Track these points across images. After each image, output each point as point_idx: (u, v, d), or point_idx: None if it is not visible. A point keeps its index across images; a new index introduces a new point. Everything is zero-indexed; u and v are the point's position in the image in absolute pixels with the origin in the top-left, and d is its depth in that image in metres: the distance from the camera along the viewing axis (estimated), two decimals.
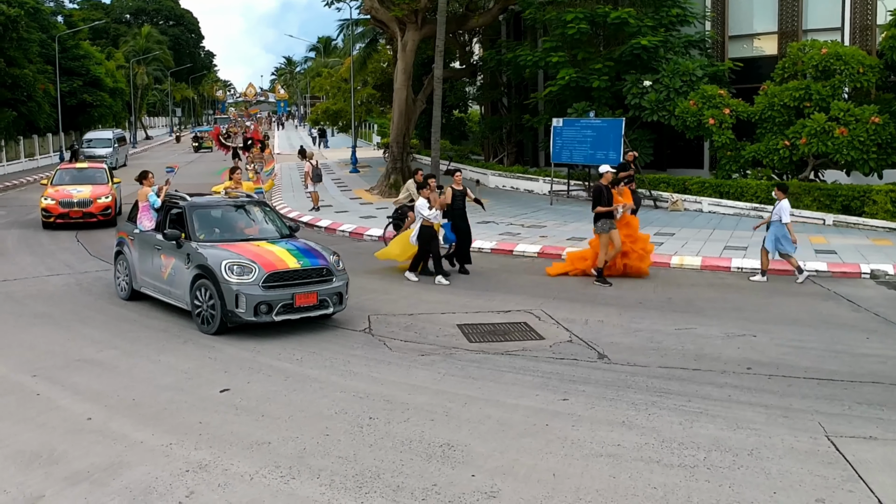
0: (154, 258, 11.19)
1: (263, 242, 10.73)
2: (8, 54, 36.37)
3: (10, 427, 6.86)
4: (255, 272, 9.70)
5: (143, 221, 11.82)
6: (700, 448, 6.38)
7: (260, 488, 5.66)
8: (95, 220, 19.82)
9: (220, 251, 10.18)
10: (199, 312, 10.04)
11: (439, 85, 25.77)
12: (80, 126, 49.48)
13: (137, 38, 77.84)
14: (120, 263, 12.29)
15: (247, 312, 9.59)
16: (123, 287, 12.09)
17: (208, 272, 9.87)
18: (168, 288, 10.85)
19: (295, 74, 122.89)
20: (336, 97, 48.58)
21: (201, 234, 10.73)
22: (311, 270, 10.14)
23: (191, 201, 11.35)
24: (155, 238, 11.27)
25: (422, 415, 7.14)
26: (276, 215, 12.24)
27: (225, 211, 11.66)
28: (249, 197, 12.69)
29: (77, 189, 20.23)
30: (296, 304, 9.83)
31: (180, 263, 10.49)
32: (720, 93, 20.59)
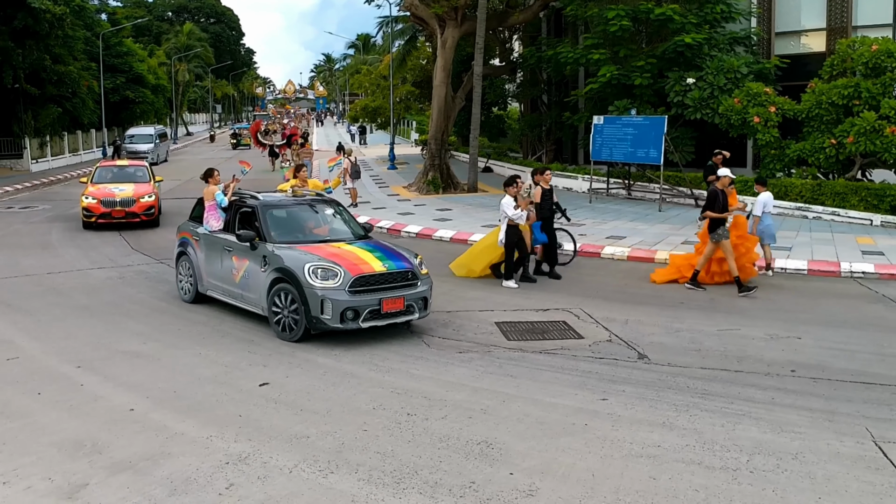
0: (224, 260, 10.67)
1: (342, 244, 10.22)
2: (54, 52, 37.14)
3: (55, 416, 6.99)
4: (341, 276, 9.16)
5: (210, 221, 11.24)
6: (743, 451, 6.26)
7: (299, 482, 5.68)
8: (138, 221, 19.07)
9: (299, 253, 9.64)
10: (279, 319, 9.49)
11: (479, 82, 25.76)
12: (123, 122, 50.39)
13: (179, 35, 78.97)
14: (182, 265, 11.71)
15: (333, 319, 9.03)
16: (187, 290, 11.56)
17: (289, 276, 9.34)
18: (241, 292, 10.33)
19: (334, 72, 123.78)
20: (375, 94, 48.78)
21: (277, 235, 10.18)
22: (396, 274, 9.60)
23: (263, 200, 10.80)
24: (225, 239, 10.77)
25: (459, 412, 7.12)
26: (349, 215, 11.62)
27: (299, 211, 11.10)
28: (319, 196, 12.11)
29: (119, 187, 19.48)
30: (383, 309, 9.26)
31: (255, 266, 9.97)
32: (766, 90, 20.23)
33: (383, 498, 5.45)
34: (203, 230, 11.32)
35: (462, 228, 18.38)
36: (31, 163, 37.48)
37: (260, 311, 9.97)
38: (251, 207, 10.71)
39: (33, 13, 32.95)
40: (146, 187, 19.93)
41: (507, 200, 12.57)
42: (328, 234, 10.68)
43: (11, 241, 17.62)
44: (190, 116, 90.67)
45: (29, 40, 34.23)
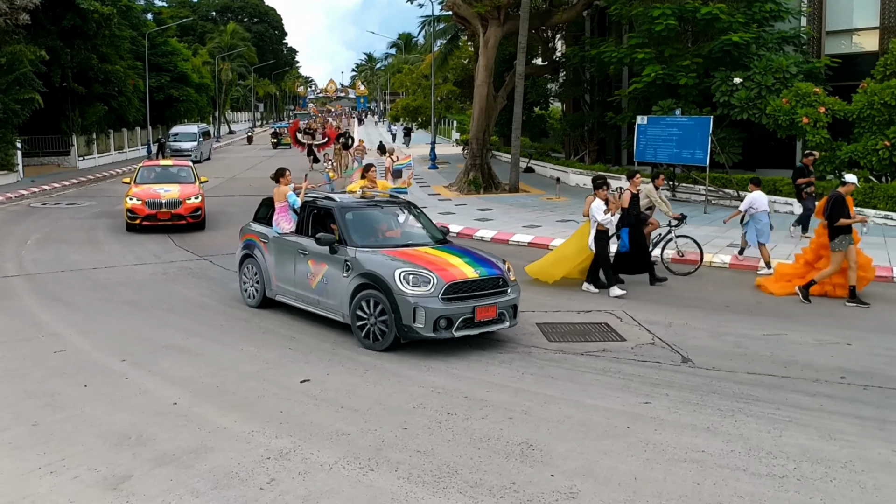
0: (298, 264, 10.21)
1: (426, 248, 9.77)
2: (101, 51, 37.86)
3: (101, 408, 7.10)
4: (434, 283, 8.70)
5: (281, 223, 10.73)
6: (790, 458, 6.12)
7: (339, 478, 5.69)
8: (184, 223, 18.32)
9: (386, 258, 9.19)
10: (365, 327, 9.05)
11: (521, 81, 25.66)
12: (167, 120, 51.21)
13: (223, 34, 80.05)
14: (247, 268, 11.28)
15: (425, 328, 8.58)
16: (252, 294, 11.14)
17: (378, 282, 8.89)
18: (317, 297, 9.87)
19: (375, 71, 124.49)
20: (416, 93, 48.93)
21: (358, 239, 9.69)
22: (488, 280, 9.14)
23: (341, 202, 10.35)
24: (298, 242, 10.33)
25: (500, 412, 7.07)
26: (427, 218, 11.10)
27: (378, 213, 10.67)
28: (394, 197, 11.61)
29: (164, 188, 18.72)
30: (476, 318, 8.83)
31: (335, 271, 9.50)
32: (815, 91, 19.79)
33: (423, 497, 5.43)
34: (273, 232, 10.86)
35: (503, 229, 18.31)
36: (78, 160, 38.28)
37: (339, 319, 9.52)
38: (328, 209, 10.29)
39: (81, 13, 33.66)
40: (192, 188, 19.18)
41: (598, 204, 11.94)
42: (408, 238, 10.26)
43: (59, 236, 18.00)
44: (232, 115, 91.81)
45: (77, 40, 34.97)
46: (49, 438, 6.36)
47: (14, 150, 30.98)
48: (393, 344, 8.88)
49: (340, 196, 10.88)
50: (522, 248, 16.46)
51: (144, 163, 21.56)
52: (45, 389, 7.60)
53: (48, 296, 11.86)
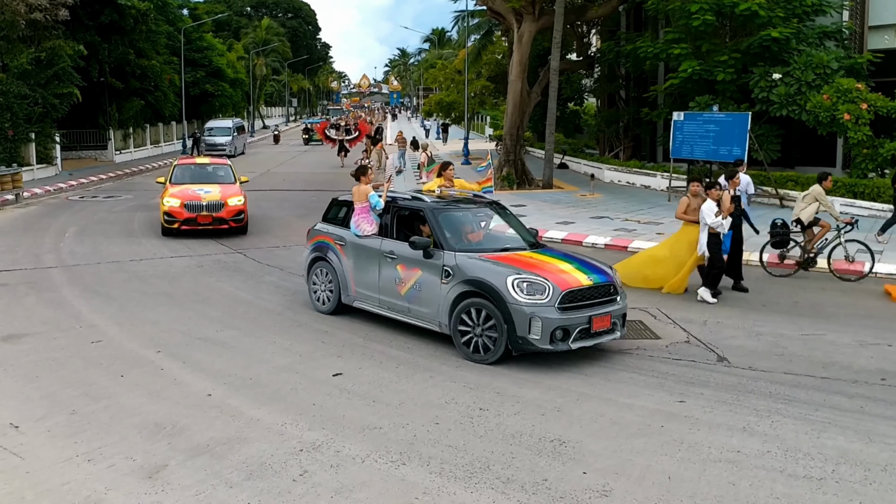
0: (384, 270, 9.54)
1: (529, 253, 9.18)
2: (137, 46, 38.40)
3: (137, 399, 7.19)
4: (549, 291, 8.12)
5: (362, 225, 10.02)
6: (828, 460, 6.01)
7: (371, 471, 5.69)
8: (227, 227, 16.87)
9: (492, 264, 8.56)
10: (470, 339, 8.45)
11: (555, 77, 25.50)
12: (202, 115, 51.76)
13: (257, 30, 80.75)
14: (318, 273, 10.60)
15: (542, 339, 8.00)
16: (324, 299, 10.49)
17: (487, 290, 8.27)
18: (408, 305, 9.22)
19: (408, 66, 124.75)
20: (449, 89, 48.83)
21: (455, 243, 9.06)
22: (601, 287, 8.60)
23: (431, 203, 9.62)
24: (384, 245, 9.66)
25: (532, 409, 7.04)
26: (517, 220, 10.48)
27: (470, 214, 9.97)
28: (478, 197, 10.90)
29: (204, 189, 17.18)
30: (593, 328, 8.31)
31: (431, 277, 8.88)
32: (857, 86, 19.37)
33: (455, 491, 5.41)
34: (351, 234, 10.15)
35: (536, 225, 18.08)
36: (115, 154, 38.88)
37: (435, 328, 8.93)
38: (417, 210, 9.67)
39: (119, 9, 34.17)
40: (233, 188, 17.72)
41: (709, 206, 11.22)
42: (503, 241, 9.63)
43: (96, 229, 18.28)
44: (266, 110, 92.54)
45: (114, 35, 35.50)
46: (86, 427, 6.45)
47: (53, 143, 31.54)
48: (504, 356, 8.30)
49: (428, 196, 10.04)
50: (555, 245, 16.34)
51: (179, 161, 19.64)
52: (83, 379, 7.72)
53: (85, 287, 12.04)
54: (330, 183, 29.74)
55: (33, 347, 8.80)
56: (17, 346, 8.88)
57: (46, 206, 23.10)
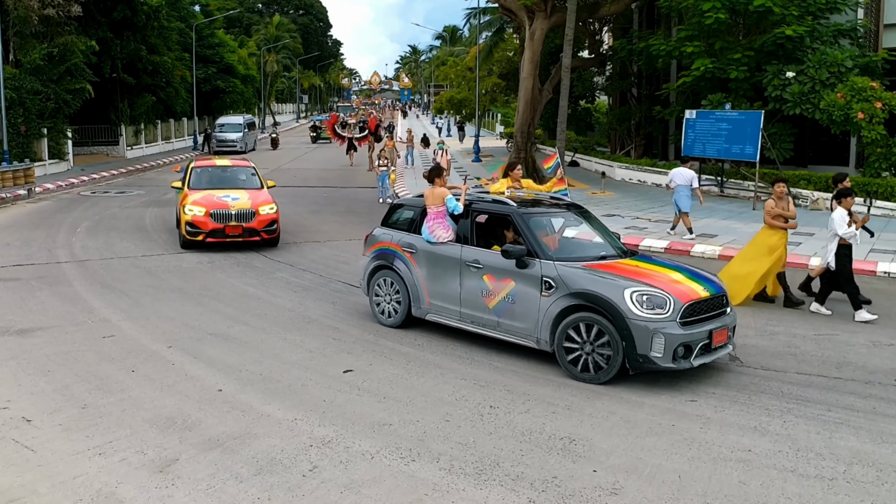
0: (466, 280, 8.76)
1: (631, 261, 8.58)
2: (149, 42, 38.59)
3: (148, 393, 7.22)
4: (670, 304, 7.48)
5: (437, 231, 9.19)
6: (840, 460, 5.97)
7: (381, 468, 5.70)
8: (259, 239, 14.98)
9: (602, 275, 7.87)
10: (577, 356, 7.77)
11: (567, 74, 25.39)
12: (213, 111, 51.92)
13: (269, 26, 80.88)
14: (383, 283, 9.79)
15: (664, 357, 7.36)
16: (390, 312, 9.68)
17: (600, 304, 7.58)
18: (497, 319, 8.47)
19: (419, 63, 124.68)
20: (460, 86, 48.81)
21: (550, 250, 8.40)
22: (716, 299, 8.01)
23: (518, 207, 8.84)
24: (465, 253, 8.86)
25: (543, 406, 7.02)
26: (601, 223, 9.72)
27: (560, 219, 9.34)
28: (556, 198, 10.06)
29: (231, 196, 15.22)
30: (713, 343, 7.71)
31: (528, 289, 8.15)
32: (872, 85, 19.24)
33: (464, 487, 5.41)
34: (423, 241, 9.34)
35: None
36: (126, 149, 39.09)
37: (530, 344, 8.24)
38: (502, 214, 8.96)
39: (131, 5, 34.34)
40: (264, 195, 15.77)
41: (840, 214, 10.37)
42: (597, 248, 8.98)
43: (108, 224, 18.36)
44: (277, 106, 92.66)
45: (127, 31, 35.69)
46: (98, 421, 6.48)
47: (65, 139, 31.73)
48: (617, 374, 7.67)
49: (508, 199, 9.16)
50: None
51: (197, 162, 17.35)
52: (95, 373, 7.75)
53: (98, 282, 12.10)
54: (342, 179, 29.84)
55: (46, 341, 8.85)
56: (31, 339, 8.93)
57: (58, 201, 23.23)
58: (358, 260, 14.16)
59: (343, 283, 12.26)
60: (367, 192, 25.40)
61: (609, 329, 7.53)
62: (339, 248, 15.40)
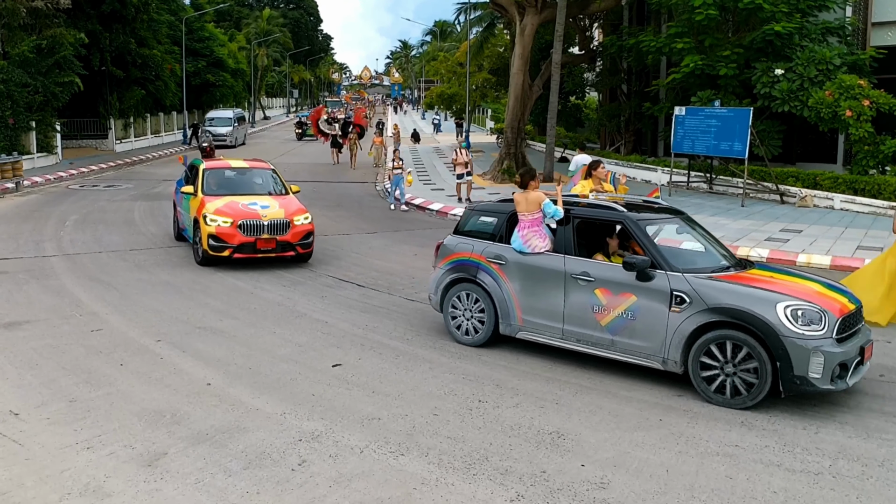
0: (573, 295, 7.95)
1: (764, 271, 7.93)
2: (139, 35, 38.40)
3: (138, 387, 7.21)
4: (825, 319, 6.81)
5: (533, 240, 8.30)
6: (826, 455, 6.03)
7: (370, 462, 5.71)
8: (293, 255, 13.12)
9: (745, 288, 7.18)
10: (717, 378, 7.06)
11: (557, 70, 25.48)
12: (203, 105, 51.68)
13: (259, 20, 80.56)
14: (461, 298, 8.87)
15: (822, 378, 6.69)
16: (470, 329, 8.78)
17: (749, 321, 6.84)
18: (612, 337, 7.70)
19: (410, 58, 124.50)
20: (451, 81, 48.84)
21: (674, 261, 7.58)
22: (860, 312, 7.44)
23: (628, 213, 8.00)
24: (569, 265, 8.02)
25: (531, 401, 7.05)
26: (704, 229, 8.81)
27: (674, 226, 8.47)
28: (651, 203, 8.99)
29: (260, 203, 13.29)
30: (864, 359, 7.17)
31: (653, 304, 7.40)
32: (860, 83, 19.34)
33: (453, 482, 5.43)
34: (513, 251, 8.48)
35: None
36: (116, 143, 38.87)
37: (654, 365, 7.49)
38: (611, 221, 8.24)
39: None
40: (294, 203, 13.82)
41: None
42: (713, 259, 8.11)
43: (97, 217, 18.28)
44: (268, 101, 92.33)
45: (116, 24, 35.49)
46: (86, 415, 6.47)
47: (54, 132, 31.53)
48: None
49: (614, 203, 8.40)
50: None
51: (208, 163, 15.19)
52: (83, 367, 7.73)
53: (86, 276, 12.05)
54: (332, 174, 29.82)
55: (34, 335, 8.81)
56: (18, 333, 8.89)
57: (47, 194, 23.10)
58: (347, 254, 14.30)
59: (332, 278, 12.26)
60: (357, 188, 25.38)
61: (757, 348, 6.82)
62: (328, 242, 15.36)
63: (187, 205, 14.14)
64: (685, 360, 7.24)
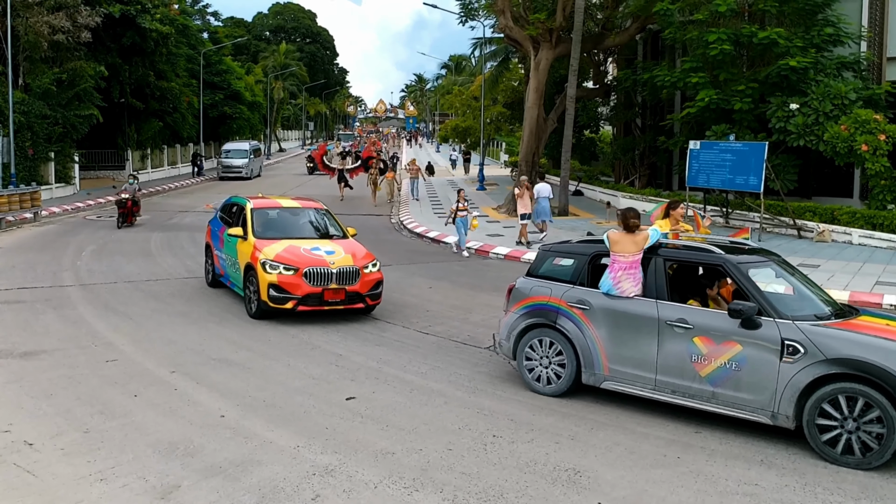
0: (668, 343, 7.45)
1: (875, 318, 7.48)
2: (158, 68, 38.99)
3: (152, 418, 7.19)
4: None
5: (625, 284, 7.77)
6: (848, 495, 5.92)
7: (384, 497, 5.65)
8: (363, 307, 11.79)
9: (868, 337, 6.72)
10: (837, 435, 6.58)
11: (571, 104, 25.59)
12: (220, 137, 52.23)
13: (276, 54, 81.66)
14: (538, 345, 8.37)
15: None
16: (549, 378, 8.26)
17: (875, 374, 6.39)
18: (713, 389, 7.20)
19: (425, 92, 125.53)
20: (465, 115, 49.16)
21: (782, 308, 7.14)
22: None
23: (726, 255, 7.58)
24: (663, 311, 7.53)
25: (547, 436, 6.97)
26: (801, 273, 8.46)
27: (771, 269, 7.92)
28: (739, 245, 8.41)
29: (325, 249, 11.99)
30: None
31: (762, 354, 6.93)
32: (875, 117, 19.29)
33: None
34: (601, 296, 7.97)
35: None
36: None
37: (762, 419, 7.00)
38: (708, 264, 7.86)
39: (141, 32, 34.70)
40: (360, 248, 12.51)
41: None
42: (819, 305, 7.61)
43: (114, 248, 18.40)
44: (283, 133, 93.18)
45: (135, 57, 36.08)
46: (100, 446, 6.45)
47: (72, 163, 31.94)
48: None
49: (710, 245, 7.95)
50: None
51: (254, 202, 13.48)
52: (98, 397, 7.73)
53: (102, 306, 12.10)
54: (347, 206, 29.90)
55: (50, 364, 8.84)
56: (34, 362, 8.92)
57: (64, 224, 23.30)
58: None
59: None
60: (373, 220, 25.46)
61: (882, 403, 6.38)
62: None
63: (232, 249, 12.69)
64: (798, 414, 6.80)
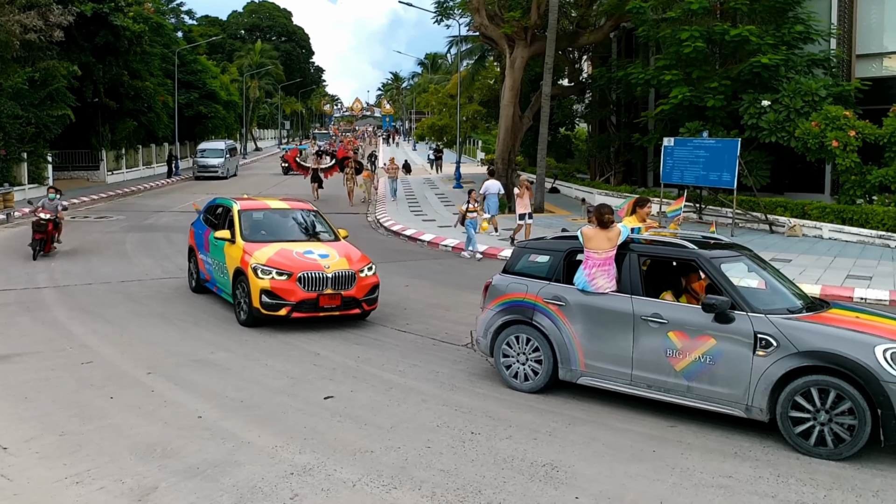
0: (643, 338, 7.49)
1: (846, 311, 7.58)
2: (132, 67, 38.58)
3: (128, 420, 7.16)
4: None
5: (599, 280, 7.82)
6: (820, 486, 6.03)
7: (362, 495, 5.67)
8: (359, 312, 11.38)
9: (838, 330, 6.81)
10: (811, 429, 6.68)
11: (547, 102, 25.70)
12: (196, 136, 51.80)
13: (251, 53, 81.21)
14: (515, 341, 8.36)
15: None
16: (526, 375, 8.28)
17: (845, 366, 6.48)
18: (688, 384, 7.26)
19: (401, 90, 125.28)
20: (442, 113, 49.15)
21: (755, 302, 7.24)
22: None
23: (699, 250, 7.64)
24: (637, 306, 7.57)
25: (525, 432, 7.03)
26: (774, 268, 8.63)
27: (738, 264, 7.95)
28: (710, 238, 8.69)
29: (318, 252, 11.55)
30: None
31: (735, 348, 6.99)
32: (845, 114, 19.60)
33: None
34: (576, 292, 7.98)
35: None
36: (107, 174, 38.92)
37: (736, 412, 7.07)
38: (681, 259, 7.89)
39: (114, 31, 34.32)
40: (354, 251, 12.09)
41: None
42: (793, 298, 7.72)
43: (89, 248, 18.24)
44: (259, 132, 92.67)
45: (109, 56, 35.67)
46: (76, 449, 6.41)
47: (45, 163, 31.53)
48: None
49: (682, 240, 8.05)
50: None
51: (242, 203, 13.03)
52: (74, 400, 7.68)
53: (78, 307, 12.00)
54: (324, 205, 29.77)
55: (25, 368, 8.76)
56: (9, 365, 8.83)
57: None
58: None
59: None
60: (351, 218, 25.39)
61: (853, 395, 6.45)
62: None
63: (220, 252, 12.23)
64: (771, 407, 6.87)
